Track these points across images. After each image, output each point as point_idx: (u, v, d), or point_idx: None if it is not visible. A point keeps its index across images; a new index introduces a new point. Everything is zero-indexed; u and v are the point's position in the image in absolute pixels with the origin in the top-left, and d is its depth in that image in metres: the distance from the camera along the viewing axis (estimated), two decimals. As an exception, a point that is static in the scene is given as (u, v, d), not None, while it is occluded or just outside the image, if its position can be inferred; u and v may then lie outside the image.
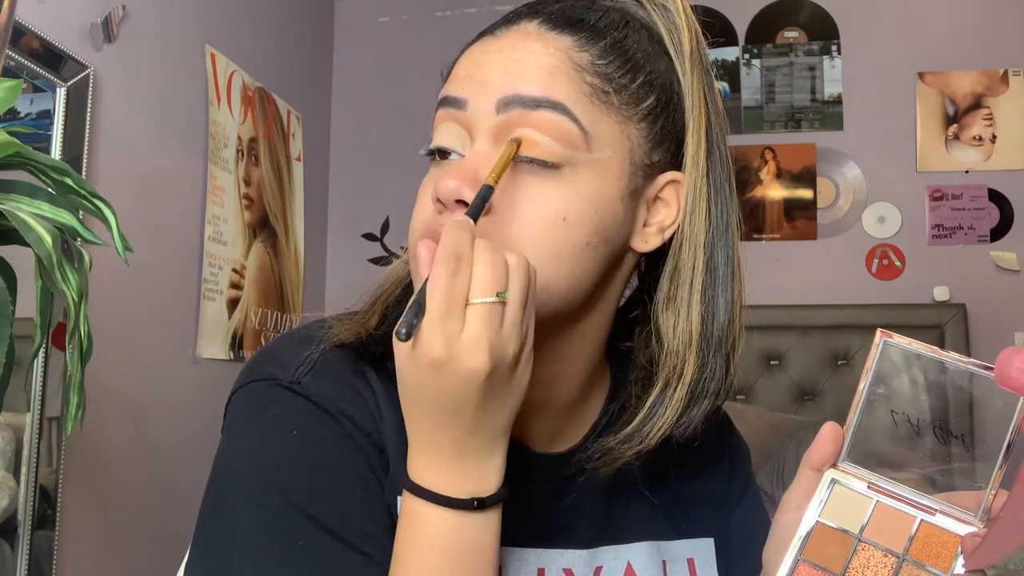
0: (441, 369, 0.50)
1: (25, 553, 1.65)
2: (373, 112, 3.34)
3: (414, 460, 0.55)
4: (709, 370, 0.63)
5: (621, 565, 0.70)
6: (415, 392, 0.53)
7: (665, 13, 0.66)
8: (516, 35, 0.62)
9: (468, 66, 0.62)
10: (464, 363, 0.50)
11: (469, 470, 0.54)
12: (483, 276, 0.51)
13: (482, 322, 0.50)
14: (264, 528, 0.57)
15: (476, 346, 0.50)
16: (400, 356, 0.53)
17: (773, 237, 3.08)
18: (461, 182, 0.57)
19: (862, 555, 0.56)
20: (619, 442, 0.63)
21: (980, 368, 0.53)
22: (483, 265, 0.51)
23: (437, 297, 0.50)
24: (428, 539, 0.54)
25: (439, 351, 0.50)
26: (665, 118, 0.63)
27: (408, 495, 0.55)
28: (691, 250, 0.63)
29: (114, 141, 1.97)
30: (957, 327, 2.81)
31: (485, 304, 0.50)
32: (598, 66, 0.61)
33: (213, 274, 2.40)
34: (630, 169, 0.62)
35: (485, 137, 0.60)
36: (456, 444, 0.53)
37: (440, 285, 0.50)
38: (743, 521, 0.78)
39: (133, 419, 2.03)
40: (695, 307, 0.63)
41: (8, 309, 0.97)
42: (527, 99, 0.59)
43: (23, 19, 1.67)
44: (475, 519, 0.54)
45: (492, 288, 0.51)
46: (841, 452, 0.58)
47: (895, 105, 3.04)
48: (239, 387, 0.64)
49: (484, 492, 0.55)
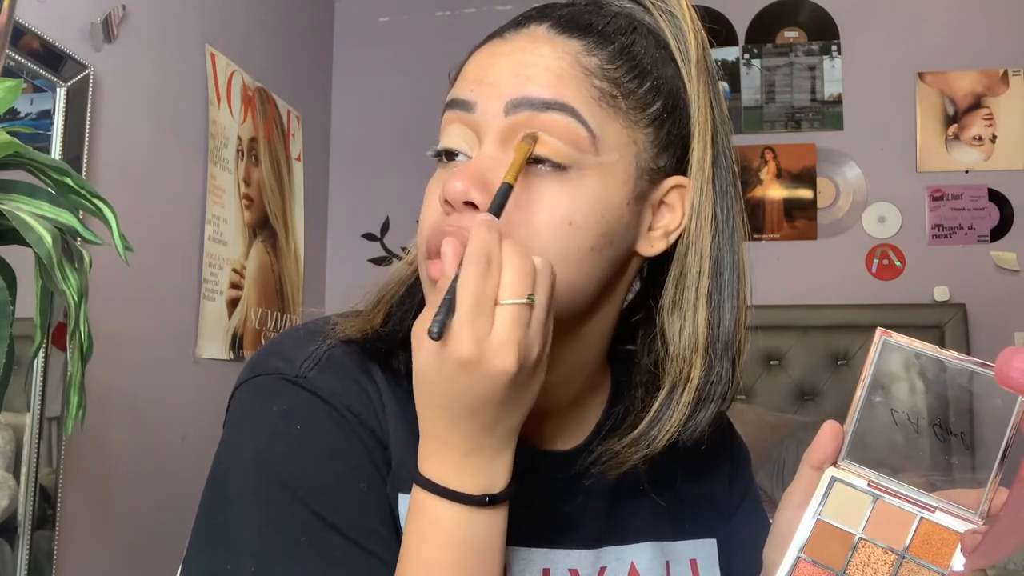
0: (470, 368, 0.51)
1: (25, 553, 1.65)
2: (373, 112, 3.35)
3: (426, 455, 0.55)
4: (716, 373, 0.63)
5: (625, 566, 0.70)
6: (437, 389, 0.53)
7: (672, 19, 0.66)
8: (525, 38, 0.62)
9: (477, 69, 0.63)
10: (493, 363, 0.51)
11: (481, 467, 0.54)
12: (513, 278, 0.51)
13: (512, 323, 0.51)
14: (267, 522, 0.57)
15: (506, 347, 0.51)
16: (424, 353, 0.53)
17: (773, 237, 3.08)
18: (469, 183, 0.58)
19: (862, 552, 0.56)
20: (626, 446, 0.63)
21: (979, 367, 0.53)
22: (513, 267, 0.52)
23: (468, 297, 0.50)
24: (438, 534, 0.54)
25: (469, 350, 0.50)
26: (671, 123, 0.64)
27: (418, 490, 0.55)
28: (697, 254, 0.63)
29: (114, 141, 1.97)
30: (957, 327, 2.81)
31: (515, 305, 0.51)
32: (607, 70, 0.61)
33: (213, 274, 2.40)
34: (636, 173, 0.62)
35: (493, 139, 0.60)
36: (471, 441, 0.54)
37: (471, 285, 0.51)
38: (744, 524, 0.78)
39: (133, 419, 2.03)
40: (701, 311, 0.63)
41: (8, 309, 0.97)
42: (536, 101, 0.59)
43: (23, 19, 1.67)
44: (485, 515, 0.55)
45: (522, 290, 0.51)
46: (841, 450, 0.59)
47: (895, 105, 3.04)
48: (244, 381, 0.64)
49: (494, 489, 0.55)
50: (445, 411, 0.53)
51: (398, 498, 0.61)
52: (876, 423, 0.57)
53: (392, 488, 0.61)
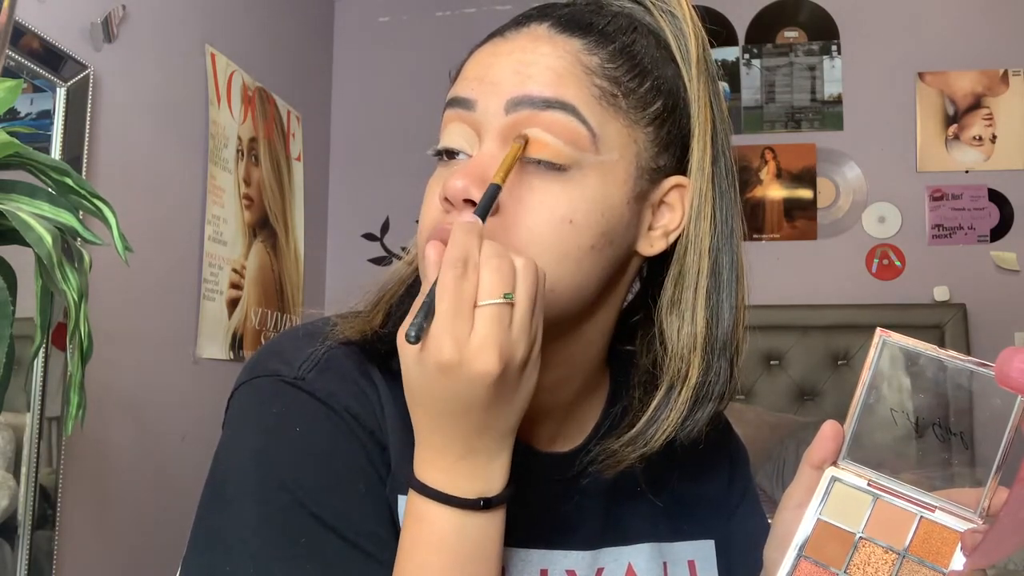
0: (451, 371, 0.51)
1: (25, 553, 1.65)
2: (373, 112, 3.35)
3: (420, 460, 0.55)
4: (713, 373, 0.64)
5: (622, 567, 0.70)
6: (422, 393, 0.53)
7: (672, 20, 0.66)
8: (526, 37, 0.62)
9: (477, 67, 0.63)
10: (474, 365, 0.50)
11: (475, 470, 0.54)
12: (490, 278, 0.51)
13: (491, 324, 0.51)
14: (266, 523, 0.57)
15: (486, 348, 0.50)
16: (407, 358, 0.53)
17: (773, 237, 3.08)
18: (469, 181, 0.58)
19: (863, 552, 0.56)
20: (623, 445, 0.63)
21: (978, 366, 0.53)
22: (489, 268, 0.51)
23: (445, 300, 0.50)
24: (433, 538, 0.54)
25: (449, 353, 0.50)
26: (671, 123, 0.64)
27: (414, 494, 0.55)
28: (696, 254, 0.64)
29: (114, 141, 1.97)
30: (957, 327, 2.81)
31: (493, 306, 0.51)
32: (607, 69, 0.61)
33: (213, 274, 2.40)
34: (636, 173, 0.62)
35: (494, 137, 0.60)
36: (463, 444, 0.54)
37: (448, 288, 0.50)
38: (743, 525, 0.78)
39: (133, 419, 2.03)
40: (700, 311, 0.63)
41: (8, 309, 0.97)
42: (537, 99, 0.59)
43: (23, 19, 1.67)
44: (481, 519, 0.55)
45: (499, 290, 0.51)
46: (841, 450, 0.59)
47: (895, 105, 3.04)
48: (242, 383, 0.63)
49: (490, 492, 0.55)
50: (434, 415, 0.53)
51: (397, 500, 0.61)
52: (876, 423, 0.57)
53: (391, 490, 0.61)
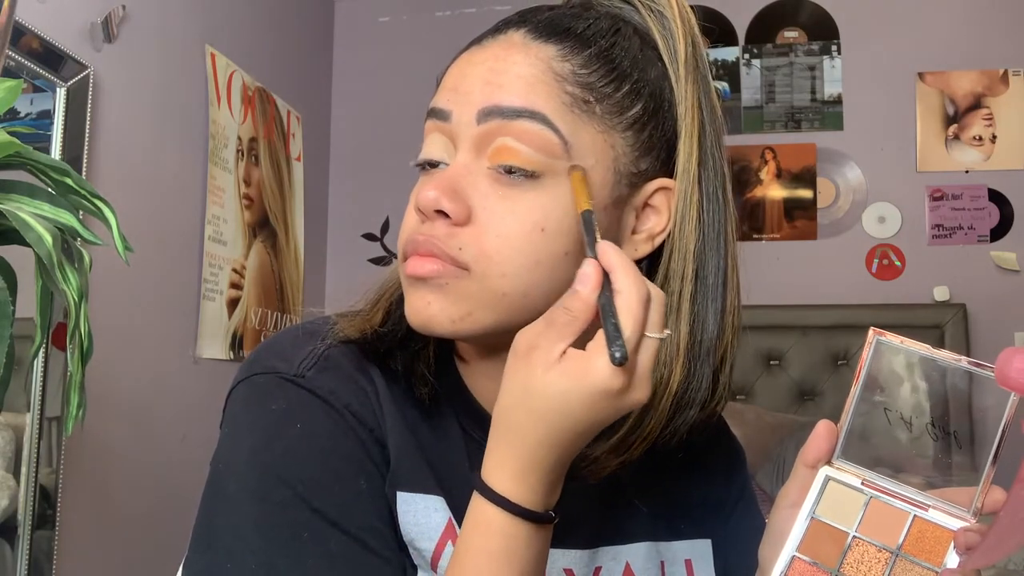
0: (616, 397, 0.51)
1: (25, 553, 1.65)
2: (373, 112, 3.35)
3: (502, 472, 0.54)
4: (696, 380, 0.63)
5: (620, 566, 0.70)
6: (556, 407, 0.51)
7: (660, 19, 0.66)
8: (500, 45, 0.62)
9: (454, 78, 0.63)
10: (634, 394, 0.51)
11: (551, 486, 0.54)
12: (659, 312, 0.52)
13: (652, 356, 0.52)
14: (268, 520, 0.57)
15: (646, 379, 0.52)
16: (566, 375, 0.51)
17: (773, 237, 3.08)
18: (440, 192, 0.58)
19: (856, 550, 0.57)
20: (605, 452, 0.62)
21: (972, 366, 0.53)
22: (658, 302, 0.52)
23: (629, 328, 0.50)
24: (504, 551, 0.53)
25: (622, 380, 0.50)
26: (653, 126, 0.63)
27: (485, 504, 0.54)
28: (681, 259, 0.63)
29: (114, 141, 1.97)
30: (957, 327, 2.81)
31: (656, 340, 0.52)
32: (580, 75, 0.61)
33: (213, 274, 2.41)
34: (614, 178, 0.62)
35: (467, 147, 0.61)
36: (559, 462, 0.54)
37: (633, 316, 0.51)
38: (740, 524, 0.78)
39: (133, 419, 2.04)
40: (683, 317, 0.63)
41: (8, 309, 0.97)
42: (506, 109, 0.59)
43: (23, 19, 1.67)
44: (545, 532, 0.55)
45: (663, 324, 0.53)
46: (835, 449, 0.59)
47: (895, 105, 3.04)
48: (241, 380, 0.64)
49: (552, 506, 0.55)
50: (549, 431, 0.52)
51: (396, 496, 0.61)
52: (870, 422, 0.57)
53: (390, 486, 0.61)
